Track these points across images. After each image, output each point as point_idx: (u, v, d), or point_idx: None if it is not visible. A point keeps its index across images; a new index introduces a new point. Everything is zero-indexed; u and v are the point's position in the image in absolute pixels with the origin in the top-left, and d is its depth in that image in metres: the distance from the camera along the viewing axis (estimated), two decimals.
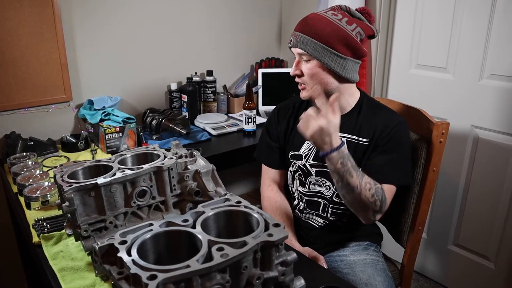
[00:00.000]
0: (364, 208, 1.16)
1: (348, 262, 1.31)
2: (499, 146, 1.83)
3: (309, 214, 1.38)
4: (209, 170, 1.02)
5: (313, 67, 1.21)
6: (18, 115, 1.83)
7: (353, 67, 1.24)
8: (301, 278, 0.76)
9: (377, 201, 1.14)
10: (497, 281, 1.94)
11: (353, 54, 1.21)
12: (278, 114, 1.43)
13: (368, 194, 1.13)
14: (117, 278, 0.67)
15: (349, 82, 1.26)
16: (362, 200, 1.13)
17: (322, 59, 1.19)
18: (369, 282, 1.23)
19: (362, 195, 1.12)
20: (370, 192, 1.13)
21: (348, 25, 1.19)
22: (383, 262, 1.34)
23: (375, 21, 1.20)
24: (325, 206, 1.34)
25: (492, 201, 1.90)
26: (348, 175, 1.10)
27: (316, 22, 1.19)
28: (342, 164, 1.10)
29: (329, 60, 1.19)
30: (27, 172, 1.47)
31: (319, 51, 1.18)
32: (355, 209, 1.19)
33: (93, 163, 1.03)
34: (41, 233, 1.14)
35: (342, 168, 1.10)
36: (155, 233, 0.73)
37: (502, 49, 1.75)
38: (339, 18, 1.19)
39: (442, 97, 2.00)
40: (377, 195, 1.15)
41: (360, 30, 1.20)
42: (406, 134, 1.27)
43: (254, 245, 0.66)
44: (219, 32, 2.38)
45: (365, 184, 1.13)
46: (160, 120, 1.93)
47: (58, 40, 1.83)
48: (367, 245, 1.37)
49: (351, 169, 1.10)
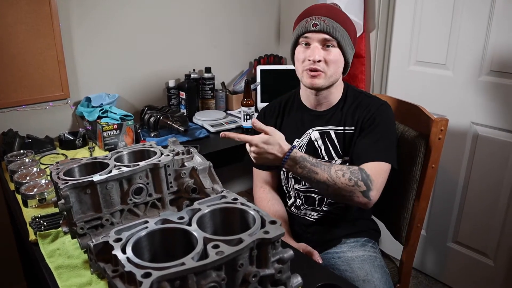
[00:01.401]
0: (350, 194, 1.14)
1: (346, 258, 1.30)
2: (499, 143, 1.82)
3: (306, 210, 1.38)
4: (206, 167, 1.01)
5: (337, 54, 1.21)
6: (15, 112, 1.82)
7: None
8: (298, 276, 0.76)
9: (358, 181, 1.13)
10: (496, 278, 1.94)
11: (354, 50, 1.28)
12: (265, 116, 1.44)
13: (344, 180, 1.13)
14: (112, 276, 0.66)
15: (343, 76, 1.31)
16: (341, 188, 1.13)
17: (346, 48, 1.21)
18: (367, 278, 1.23)
19: (338, 184, 1.13)
20: (345, 177, 1.13)
21: (351, 24, 1.25)
22: (380, 258, 1.34)
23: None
24: (320, 201, 1.35)
25: (491, 198, 1.89)
26: (313, 174, 1.13)
27: (338, 11, 1.21)
28: (302, 168, 1.13)
29: (349, 51, 1.24)
30: (24, 170, 1.46)
31: (345, 40, 1.21)
32: (343, 199, 1.19)
33: (89, 161, 1.02)
34: (38, 231, 1.13)
35: (303, 171, 1.13)
36: (150, 230, 0.72)
37: (501, 45, 1.74)
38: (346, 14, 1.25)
39: (441, 93, 1.99)
40: (355, 176, 1.13)
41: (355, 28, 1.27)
42: (388, 115, 1.27)
43: (250, 243, 0.66)
44: (218, 29, 2.37)
45: (336, 173, 1.13)
46: (158, 118, 1.93)
47: (55, 37, 1.83)
48: (364, 241, 1.36)
49: (313, 167, 1.13)
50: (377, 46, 2.15)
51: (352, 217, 1.37)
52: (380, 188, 1.18)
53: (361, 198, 1.14)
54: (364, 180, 1.14)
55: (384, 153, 1.21)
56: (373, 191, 1.15)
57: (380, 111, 1.25)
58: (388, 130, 1.25)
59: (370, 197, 1.15)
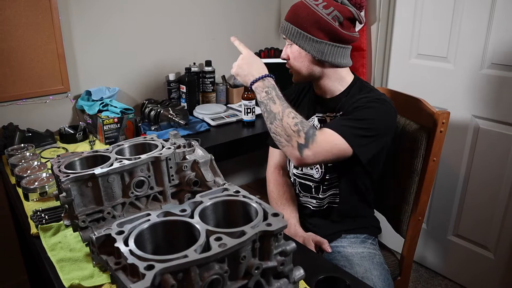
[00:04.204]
0: (287, 139, 1.13)
1: (345, 254, 1.31)
2: (500, 136, 1.82)
3: (304, 197, 1.41)
4: (208, 160, 1.01)
5: (294, 51, 1.28)
6: (15, 106, 1.82)
7: (335, 52, 1.24)
8: (300, 268, 0.76)
9: (301, 132, 1.11)
10: (496, 271, 1.95)
11: (330, 38, 1.22)
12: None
13: (290, 121, 1.13)
14: (114, 268, 0.66)
15: (335, 67, 1.27)
16: (284, 127, 1.13)
17: (299, 43, 1.24)
18: (365, 275, 1.23)
19: (284, 121, 1.13)
20: (293, 120, 1.13)
21: (324, 9, 1.20)
22: (380, 255, 1.34)
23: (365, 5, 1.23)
24: (316, 189, 1.36)
25: (492, 191, 1.89)
26: (271, 102, 1.17)
27: (296, 8, 1.25)
28: (267, 93, 1.18)
29: (306, 45, 1.24)
30: (25, 164, 1.46)
31: (296, 36, 1.24)
32: (280, 142, 1.16)
33: (91, 154, 1.02)
34: (39, 224, 1.13)
35: (266, 96, 1.18)
36: (152, 223, 0.72)
37: (503, 38, 1.74)
38: (318, 3, 1.21)
39: (442, 86, 1.98)
40: (302, 126, 1.12)
41: (337, 13, 1.19)
42: (377, 110, 1.19)
43: (253, 235, 0.66)
44: (218, 22, 2.36)
45: (289, 113, 1.14)
46: (158, 111, 1.92)
47: (55, 30, 1.82)
48: (364, 238, 1.37)
49: (275, 97, 1.17)
50: (378, 39, 2.14)
51: (355, 213, 1.38)
52: (318, 154, 1.12)
53: (295, 149, 1.12)
54: (307, 135, 1.11)
55: (348, 132, 1.14)
56: (309, 150, 1.10)
57: (370, 103, 1.19)
58: (366, 120, 1.17)
59: (303, 154, 1.11)
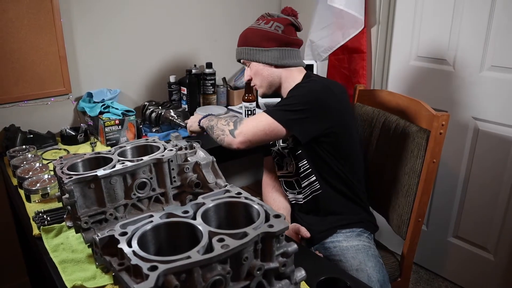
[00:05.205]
0: (222, 132, 1.34)
1: (341, 248, 1.34)
2: (499, 138, 1.83)
3: (291, 194, 1.50)
4: (209, 161, 1.01)
5: (252, 67, 1.44)
6: (17, 108, 1.83)
7: (286, 54, 1.40)
8: (301, 269, 0.76)
9: (230, 122, 1.34)
10: (496, 272, 1.95)
11: (278, 44, 1.39)
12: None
13: (223, 122, 1.37)
14: (118, 269, 0.66)
15: (289, 67, 1.42)
16: (218, 127, 1.37)
17: (252, 57, 1.41)
18: (360, 268, 1.26)
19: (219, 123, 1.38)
20: (225, 121, 1.37)
21: (266, 24, 1.39)
22: (374, 248, 1.36)
23: (298, 15, 1.46)
24: (297, 182, 1.46)
25: (492, 193, 1.90)
26: (213, 122, 1.42)
27: (243, 34, 1.45)
28: (209, 120, 1.45)
29: (261, 56, 1.40)
30: (27, 165, 1.47)
31: (248, 53, 1.42)
32: (219, 139, 1.36)
33: (93, 155, 1.03)
34: (41, 226, 1.14)
35: (209, 123, 1.44)
36: (155, 224, 0.72)
37: (502, 40, 1.74)
38: (258, 23, 1.41)
39: (442, 88, 1.99)
40: (231, 119, 1.35)
41: (277, 24, 1.39)
42: (302, 91, 1.33)
43: (255, 236, 0.66)
44: (218, 24, 2.37)
45: (222, 120, 1.38)
46: (159, 113, 1.93)
47: (56, 32, 1.82)
48: (360, 231, 1.39)
49: (215, 118, 1.43)
50: (378, 42, 2.15)
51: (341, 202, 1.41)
52: (246, 131, 1.29)
53: (228, 136, 1.32)
54: (235, 122, 1.33)
55: (275, 110, 1.30)
56: (237, 130, 1.30)
57: (299, 86, 1.35)
58: (292, 97, 1.32)
59: (234, 135, 1.30)
